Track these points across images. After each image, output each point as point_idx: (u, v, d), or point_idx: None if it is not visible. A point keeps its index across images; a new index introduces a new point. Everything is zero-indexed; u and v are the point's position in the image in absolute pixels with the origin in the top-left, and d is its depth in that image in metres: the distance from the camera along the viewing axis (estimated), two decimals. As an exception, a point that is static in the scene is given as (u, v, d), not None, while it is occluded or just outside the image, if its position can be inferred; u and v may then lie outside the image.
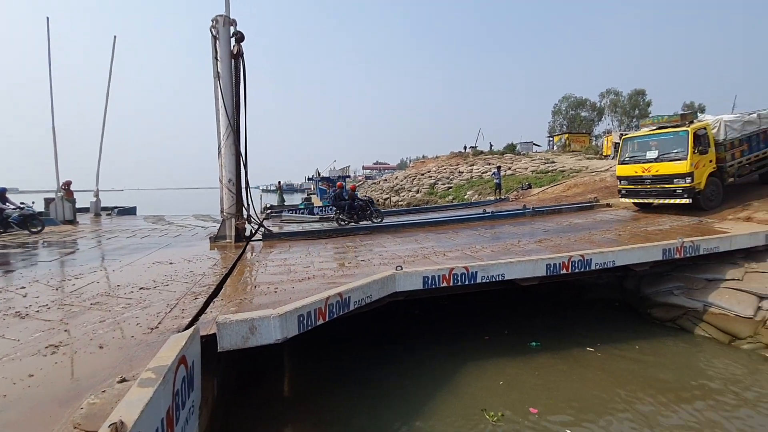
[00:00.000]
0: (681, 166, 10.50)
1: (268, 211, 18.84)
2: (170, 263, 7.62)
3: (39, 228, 11.65)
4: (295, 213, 18.79)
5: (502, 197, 21.85)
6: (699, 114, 11.86)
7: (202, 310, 4.79)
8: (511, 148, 44.73)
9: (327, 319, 4.82)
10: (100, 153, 17.89)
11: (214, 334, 3.90)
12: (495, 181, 23.35)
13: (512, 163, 31.91)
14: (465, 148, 44.45)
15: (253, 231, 10.80)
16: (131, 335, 4.00)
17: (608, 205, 14.54)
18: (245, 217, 10.59)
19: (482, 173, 30.97)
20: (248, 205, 10.62)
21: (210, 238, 10.28)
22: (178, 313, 4.64)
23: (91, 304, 5.12)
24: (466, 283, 6.39)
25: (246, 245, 9.73)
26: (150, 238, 11.27)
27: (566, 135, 46.14)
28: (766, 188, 12.12)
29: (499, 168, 24.96)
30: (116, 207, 21.54)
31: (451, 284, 6.30)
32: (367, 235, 11.22)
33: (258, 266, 7.61)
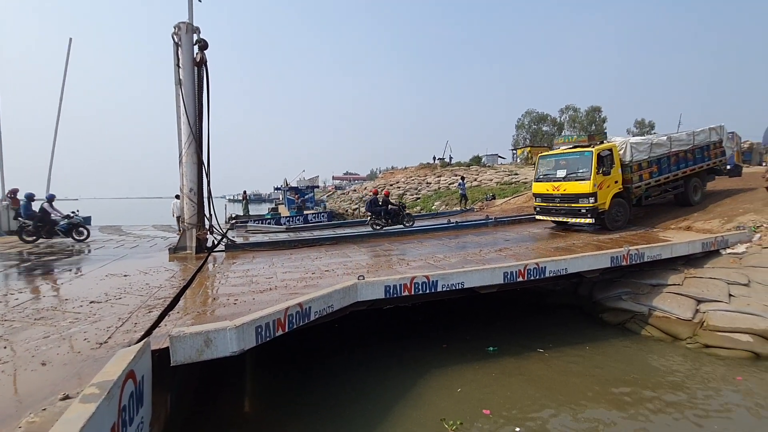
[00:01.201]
0: (585, 186, 10.47)
1: (233, 221, 18.47)
2: (125, 276, 7.34)
3: (84, 236, 11.73)
4: (261, 223, 18.50)
5: (468, 208, 22.38)
6: (608, 135, 12.47)
7: (157, 324, 4.65)
8: (476, 160, 46.00)
9: (287, 330, 4.80)
10: (51, 159, 16.95)
11: (168, 347, 3.82)
12: (460, 192, 23.90)
13: (478, 174, 32.78)
14: (434, 159, 45.25)
15: (216, 242, 10.56)
16: (78, 351, 3.85)
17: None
18: (207, 227, 10.36)
19: (449, 184, 31.63)
20: (211, 215, 10.41)
21: (169, 249, 9.98)
22: (130, 327, 4.50)
23: (35, 319, 4.86)
24: (427, 291, 6.53)
25: (207, 256, 9.51)
26: (104, 250, 10.79)
27: (529, 148, 47.97)
28: (708, 201, 13.06)
29: (463, 178, 25.60)
30: None
31: (413, 293, 6.42)
32: (332, 245, 11.22)
33: (219, 278, 7.46)
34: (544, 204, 11.83)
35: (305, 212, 24.82)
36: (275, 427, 5.21)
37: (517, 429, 4.96)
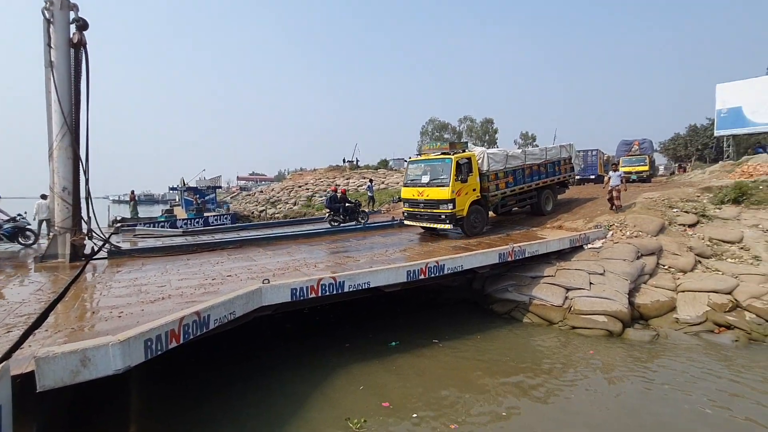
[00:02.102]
0: (444, 192, 10.62)
1: (118, 224, 16.47)
2: (-28, 291, 6.15)
3: (31, 241, 10.66)
4: (153, 227, 16.78)
5: (375, 209, 22.98)
6: (470, 144, 13.00)
7: (18, 345, 4.02)
8: (384, 164, 47.32)
9: (182, 341, 4.49)
10: None
11: (33, 371, 3.32)
12: (368, 194, 24.43)
13: (385, 177, 33.80)
14: (344, 161, 45.44)
15: (95, 248, 9.34)
16: None
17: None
18: (85, 231, 9.12)
19: (358, 186, 32.09)
20: (90, 217, 9.18)
21: (35, 257, 8.58)
22: (-19, 351, 3.80)
23: None
24: (335, 292, 6.61)
25: (85, 265, 8.39)
26: (-58, 261, 8.85)
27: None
28: (575, 204, 15.25)
29: (371, 181, 26.20)
30: None
31: (320, 294, 6.45)
32: (235, 249, 10.68)
33: (100, 288, 6.65)
34: (411, 209, 11.85)
35: (206, 214, 23.13)
36: None
37: (414, 415, 5.34)
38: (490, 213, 12.93)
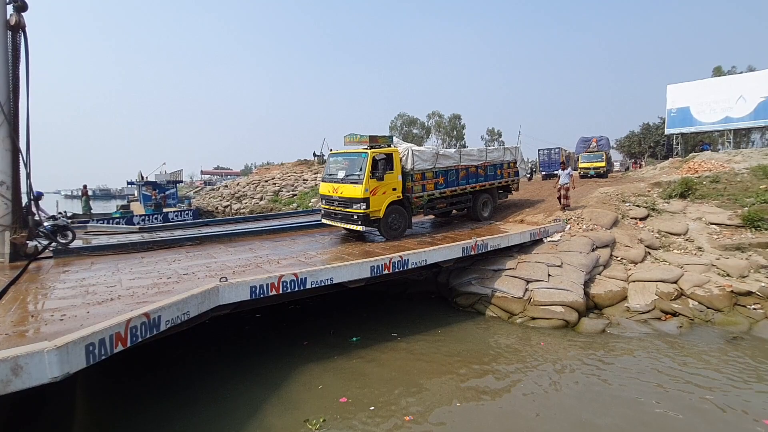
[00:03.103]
0: (357, 191, 9.62)
1: (68, 221, 15.47)
2: None
3: (70, 239, 10.00)
4: (108, 223, 15.91)
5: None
6: (396, 139, 11.36)
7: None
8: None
9: (129, 345, 4.27)
10: None
11: (-46, 382, 3.05)
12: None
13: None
14: (314, 155, 44.76)
15: (39, 247, 8.73)
16: None
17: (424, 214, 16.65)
18: (28, 229, 8.50)
19: (326, 180, 31.73)
20: (34, 213, 8.57)
21: (-32, 258, 7.91)
22: None
23: None
24: (296, 289, 6.48)
25: (27, 265, 7.84)
26: None
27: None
28: (544, 198, 15.72)
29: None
30: None
31: (281, 292, 6.30)
32: (195, 246, 10.27)
33: (42, 290, 6.22)
34: (327, 207, 10.87)
35: (165, 210, 22.20)
36: None
37: (372, 407, 5.40)
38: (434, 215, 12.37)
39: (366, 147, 10.10)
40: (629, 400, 5.52)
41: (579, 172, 27.02)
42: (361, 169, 9.72)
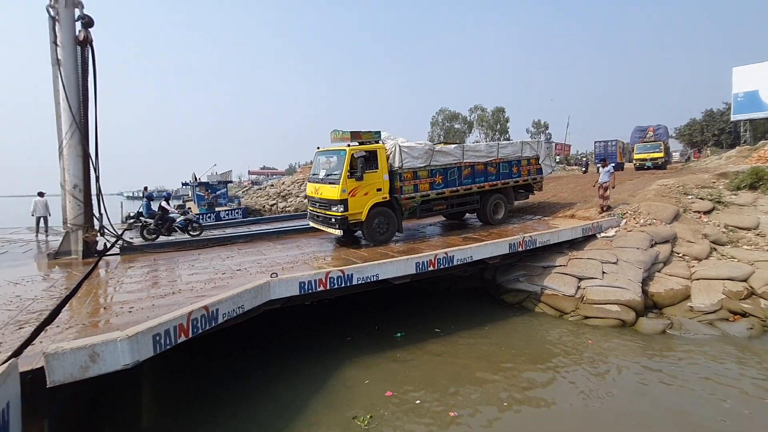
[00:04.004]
0: (335, 192, 8.87)
1: (131, 220, 16.67)
2: (-13, 288, 6.26)
3: (198, 232, 11.73)
4: (165, 222, 16.96)
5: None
6: (384, 134, 10.24)
7: (30, 341, 4.07)
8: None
9: (191, 336, 4.52)
10: None
11: (42, 367, 3.36)
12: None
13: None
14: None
15: (108, 244, 9.46)
16: None
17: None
18: (97, 228, 9.24)
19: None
20: (101, 214, 9.30)
21: (49, 254, 8.73)
22: (-7, 347, 3.87)
23: None
24: (343, 285, 6.59)
25: (98, 261, 8.49)
26: (-40, 259, 9.05)
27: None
28: (589, 193, 14.95)
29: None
30: None
31: (328, 288, 6.43)
32: (246, 243, 10.72)
33: (112, 284, 6.74)
34: (312, 209, 10.19)
35: (217, 209, 23.30)
36: None
37: (417, 401, 5.41)
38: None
39: (348, 144, 9.34)
40: (688, 410, 5.14)
41: (634, 164, 25.49)
42: (340, 169, 8.90)
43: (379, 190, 9.23)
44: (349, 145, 9.22)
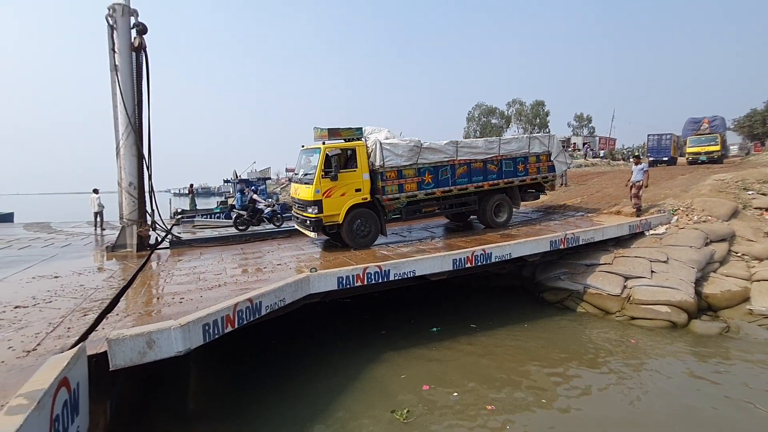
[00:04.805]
0: (308, 192, 8.45)
1: (179, 216, 17.58)
2: (55, 277, 6.82)
3: (280, 223, 12.50)
4: (210, 218, 17.75)
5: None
6: (369, 129, 9.63)
7: (93, 327, 4.40)
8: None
9: (236, 326, 4.72)
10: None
11: (106, 351, 3.64)
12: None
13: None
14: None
15: (159, 238, 10.04)
16: (1, 361, 3.56)
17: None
18: (149, 223, 9.82)
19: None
20: (153, 210, 9.87)
21: (107, 247, 9.37)
22: (63, 332, 4.22)
23: (-50, 329, 4.43)
24: (380, 281, 6.65)
25: (150, 254, 9.03)
26: (31, 249, 9.91)
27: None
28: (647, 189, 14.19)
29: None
30: None
31: (365, 283, 6.52)
32: (286, 238, 11.04)
33: (163, 276, 7.14)
34: (295, 211, 9.75)
35: (257, 205, 24.10)
36: (219, 425, 5.09)
37: (455, 394, 5.41)
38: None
39: (323, 141, 8.79)
40: (736, 418, 4.80)
41: (687, 158, 24.03)
42: (315, 168, 8.41)
43: (358, 190, 8.63)
44: (324, 143, 8.72)
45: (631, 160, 12.74)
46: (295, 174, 9.65)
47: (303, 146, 9.60)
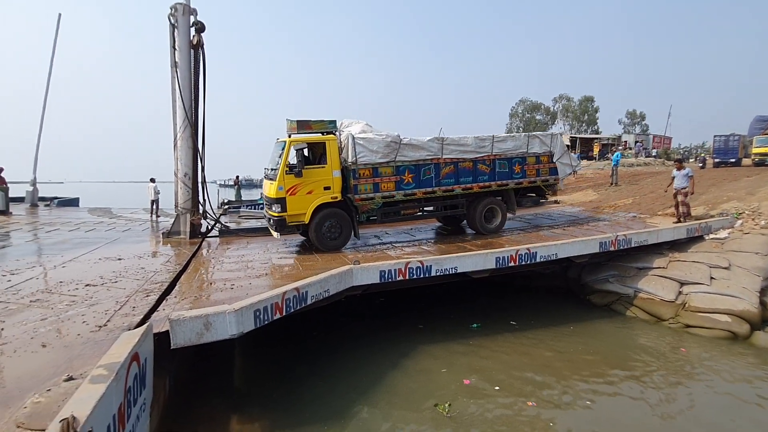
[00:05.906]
0: (272, 189, 7.89)
1: (225, 206, 18.37)
2: (119, 259, 7.36)
3: None
4: (254, 208, 18.41)
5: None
6: (346, 121, 9.03)
7: (155, 308, 4.73)
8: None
9: (284, 314, 4.91)
10: (38, 139, 16.75)
11: (167, 331, 3.90)
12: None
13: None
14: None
15: (209, 227, 10.55)
16: (77, 333, 3.91)
17: (556, 202, 15.42)
18: (201, 212, 10.35)
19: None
20: (204, 200, 10.39)
21: (163, 233, 9.97)
22: (129, 310, 4.56)
23: (31, 301, 4.90)
24: (422, 276, 6.66)
25: (201, 242, 9.53)
26: (96, 232, 10.73)
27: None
28: (706, 188, 13.28)
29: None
30: (56, 198, 20.10)
31: (407, 278, 6.54)
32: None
33: (214, 263, 7.51)
34: (266, 209, 8.99)
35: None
36: (262, 409, 5.26)
37: (497, 387, 5.44)
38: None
39: (289, 135, 8.17)
40: None
41: (752, 159, 22.24)
42: (279, 163, 7.85)
43: (327, 188, 7.99)
44: (290, 136, 8.10)
45: (673, 164, 11.50)
46: (265, 169, 8.91)
47: (278, 139, 8.79)
